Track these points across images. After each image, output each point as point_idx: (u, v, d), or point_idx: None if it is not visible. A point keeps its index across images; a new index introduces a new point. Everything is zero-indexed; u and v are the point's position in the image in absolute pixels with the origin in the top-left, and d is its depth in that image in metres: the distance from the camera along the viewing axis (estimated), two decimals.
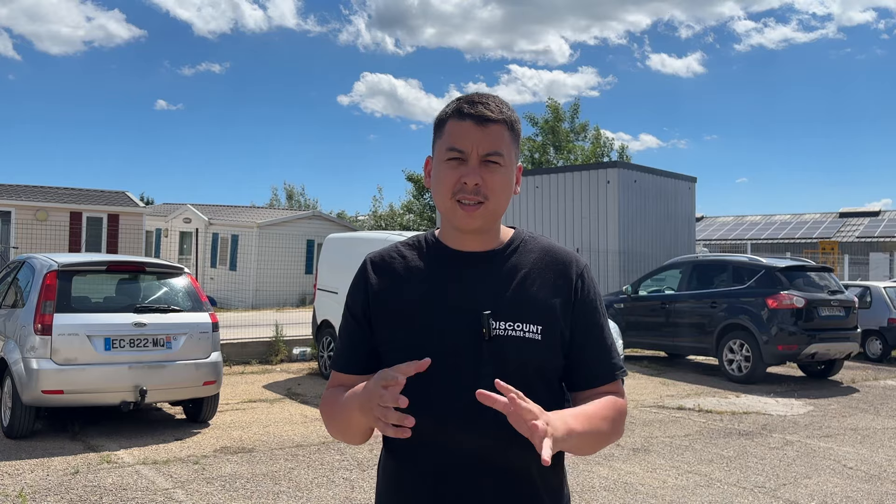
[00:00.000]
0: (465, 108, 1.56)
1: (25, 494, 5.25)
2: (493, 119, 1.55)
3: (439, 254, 1.64)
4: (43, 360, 6.61)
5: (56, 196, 22.74)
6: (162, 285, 7.61)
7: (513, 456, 1.54)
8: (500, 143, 1.56)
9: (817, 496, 5.77)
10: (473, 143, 1.54)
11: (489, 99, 1.58)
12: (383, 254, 1.68)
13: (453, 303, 1.56)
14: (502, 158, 1.56)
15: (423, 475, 1.57)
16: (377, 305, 1.62)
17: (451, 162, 1.55)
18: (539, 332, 1.55)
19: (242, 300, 23.65)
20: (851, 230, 34.28)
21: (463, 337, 1.53)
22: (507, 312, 1.55)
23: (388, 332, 1.60)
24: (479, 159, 1.54)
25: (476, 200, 1.54)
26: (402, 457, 1.60)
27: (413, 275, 1.62)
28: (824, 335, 11.15)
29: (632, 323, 12.82)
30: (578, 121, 36.81)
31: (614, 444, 7.18)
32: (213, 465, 6.15)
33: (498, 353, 1.53)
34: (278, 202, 51.69)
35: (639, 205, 18.38)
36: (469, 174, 1.53)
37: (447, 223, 1.63)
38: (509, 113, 1.59)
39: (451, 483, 1.55)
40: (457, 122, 1.56)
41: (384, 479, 1.66)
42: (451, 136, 1.56)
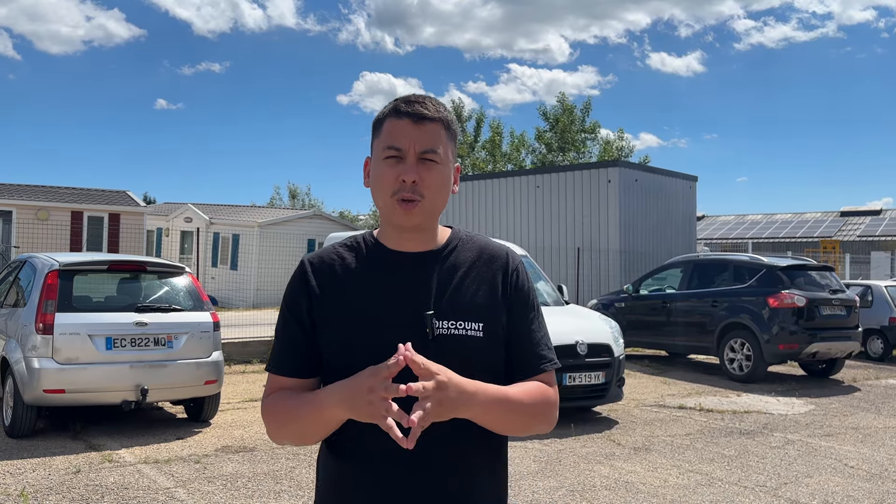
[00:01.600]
0: (402, 106, 1.59)
1: (27, 493, 5.26)
2: (429, 117, 1.58)
3: (379, 255, 1.65)
4: (44, 359, 6.61)
5: (57, 195, 22.75)
6: (163, 285, 7.61)
7: (456, 453, 1.57)
8: (436, 141, 1.58)
9: (818, 495, 5.77)
10: (411, 141, 1.56)
11: (426, 99, 1.62)
12: (322, 255, 1.68)
13: (396, 304, 1.58)
14: (438, 156, 1.57)
15: (366, 473, 1.57)
16: (320, 307, 1.61)
17: (390, 160, 1.57)
18: (480, 329, 1.58)
19: (243, 299, 23.65)
20: (853, 229, 34.27)
21: (407, 337, 1.52)
22: (448, 311, 1.57)
23: (332, 333, 1.59)
24: (416, 157, 1.56)
25: (413, 198, 1.56)
26: (346, 455, 1.60)
27: (354, 276, 1.63)
28: (825, 334, 11.14)
29: (633, 322, 12.82)
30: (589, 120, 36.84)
31: (615, 443, 7.19)
32: (215, 465, 6.16)
33: (442, 353, 1.53)
34: (280, 201, 51.73)
35: (640, 204, 18.39)
36: (407, 171, 1.55)
37: (386, 223, 1.65)
38: (445, 113, 1.62)
39: (393, 481, 1.56)
40: (394, 121, 1.58)
41: (324, 484, 1.66)
42: (388, 135, 1.58)
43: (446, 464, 1.57)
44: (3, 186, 22.61)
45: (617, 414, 8.62)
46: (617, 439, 7.39)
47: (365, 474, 1.58)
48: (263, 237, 24.34)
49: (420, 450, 1.53)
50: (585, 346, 7.93)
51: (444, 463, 1.57)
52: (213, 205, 30.59)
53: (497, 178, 21.26)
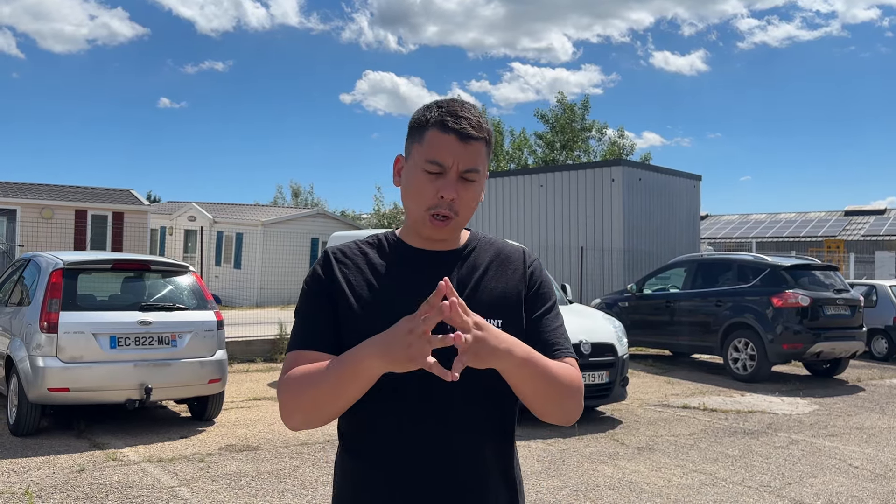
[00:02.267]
0: (450, 121, 1.58)
1: (32, 492, 5.27)
2: (475, 136, 1.58)
3: (401, 252, 1.68)
4: (49, 357, 6.63)
5: (61, 194, 22.79)
6: (167, 283, 7.62)
7: (479, 445, 1.60)
8: (478, 160, 1.59)
9: (823, 495, 5.75)
10: (455, 159, 1.57)
11: (472, 112, 1.61)
12: (344, 249, 1.70)
13: (418, 298, 1.55)
14: (478, 175, 1.60)
15: (387, 472, 1.58)
16: (342, 297, 1.62)
17: (430, 175, 1.58)
18: (500, 324, 1.60)
19: (247, 298, 23.68)
20: (857, 228, 34.20)
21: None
22: (469, 307, 1.56)
23: (352, 324, 1.60)
24: (457, 174, 1.58)
25: (447, 215, 1.58)
26: (364, 453, 1.61)
27: (377, 270, 1.65)
28: (829, 334, 11.12)
29: (636, 321, 12.80)
30: (588, 118, 36.81)
31: (619, 443, 7.18)
32: (219, 463, 6.17)
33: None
34: (283, 200, 51.76)
35: (643, 203, 18.36)
36: (447, 188, 1.56)
37: (413, 229, 1.68)
38: (488, 128, 1.63)
39: (410, 480, 1.57)
40: (439, 135, 1.58)
41: (342, 478, 1.67)
42: (431, 148, 1.58)
43: (458, 464, 1.59)
44: (8, 185, 22.66)
45: (621, 413, 8.61)
46: (621, 439, 7.38)
47: (378, 472, 1.59)
48: (267, 236, 24.37)
49: (433, 450, 1.56)
50: (589, 345, 7.92)
51: (456, 463, 1.59)
52: (217, 203, 30.62)
53: (500, 176, 21.24)
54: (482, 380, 1.58)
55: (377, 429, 1.60)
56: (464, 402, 1.59)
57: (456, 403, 1.58)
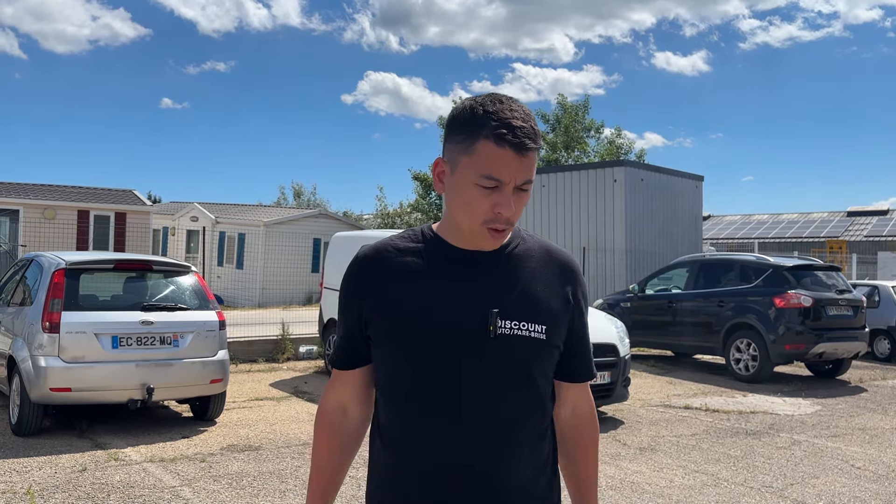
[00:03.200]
0: (506, 135, 1.46)
1: (34, 492, 5.27)
2: (533, 148, 1.50)
3: (440, 251, 1.61)
4: (51, 357, 6.63)
5: (63, 194, 22.82)
6: (169, 283, 7.63)
7: (510, 463, 1.57)
8: (533, 170, 1.53)
9: (825, 496, 5.74)
10: (512, 174, 1.49)
11: (526, 120, 1.50)
12: (378, 248, 1.64)
13: (458, 300, 1.55)
14: (530, 185, 1.54)
15: (421, 474, 1.56)
16: (376, 302, 1.59)
17: (485, 190, 1.50)
18: (544, 331, 1.57)
19: (249, 298, 23.69)
20: (859, 229, 34.14)
21: (469, 335, 1.53)
22: (513, 311, 1.56)
23: (388, 328, 1.57)
24: (514, 189, 1.51)
25: (504, 228, 1.55)
26: (400, 452, 1.60)
27: (412, 270, 1.59)
28: (832, 334, 11.10)
29: (638, 322, 12.79)
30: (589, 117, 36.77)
31: (621, 443, 7.17)
32: (220, 463, 6.17)
33: (502, 352, 1.54)
34: (286, 201, 51.78)
35: (646, 203, 18.34)
36: (504, 204, 1.50)
37: (459, 231, 1.59)
38: (539, 130, 1.54)
39: (444, 484, 1.55)
40: (494, 148, 1.47)
41: (378, 472, 1.66)
42: (488, 162, 1.48)
43: (495, 484, 1.58)
44: (10, 185, 22.69)
45: (623, 414, 8.61)
46: (623, 439, 7.37)
47: (416, 482, 1.58)
48: (269, 236, 24.38)
49: (470, 465, 1.54)
50: (591, 345, 7.90)
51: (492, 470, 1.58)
52: (219, 204, 30.65)
53: None
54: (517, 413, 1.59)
55: (413, 432, 1.58)
56: (499, 423, 1.56)
57: (489, 422, 1.55)
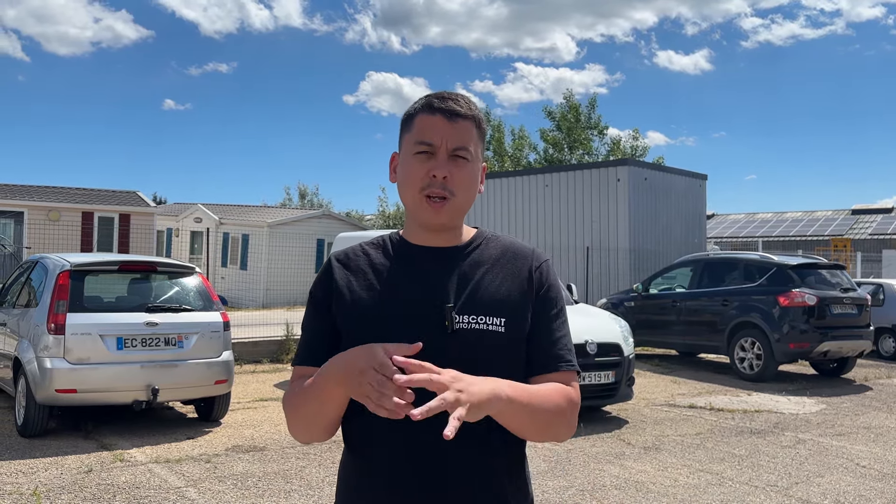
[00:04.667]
0: (436, 102, 1.58)
1: (40, 493, 5.29)
2: (463, 114, 1.57)
3: (402, 251, 1.65)
4: (56, 359, 6.65)
5: (68, 196, 22.87)
6: (173, 285, 7.64)
7: (473, 454, 1.55)
8: (468, 139, 1.57)
9: (830, 495, 5.74)
10: (443, 137, 1.55)
11: (459, 96, 1.61)
12: (348, 252, 1.69)
13: (416, 297, 1.57)
14: (469, 154, 1.57)
15: (380, 473, 1.55)
16: (341, 301, 1.61)
17: (420, 156, 1.56)
18: (502, 324, 1.56)
19: (253, 299, 23.73)
20: (864, 227, 34.07)
21: (426, 331, 1.52)
22: (469, 306, 1.56)
23: (352, 327, 1.59)
24: (447, 153, 1.55)
25: (442, 195, 1.55)
26: (361, 454, 1.59)
27: (377, 271, 1.63)
28: (836, 333, 11.08)
29: (642, 321, 12.79)
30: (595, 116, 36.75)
31: (626, 442, 7.17)
32: (225, 464, 6.18)
33: (462, 347, 1.53)
34: (291, 202, 51.87)
35: (649, 202, 18.33)
36: (438, 167, 1.54)
37: (412, 220, 1.65)
38: (477, 111, 1.61)
39: (408, 480, 1.54)
40: (426, 117, 1.57)
41: (343, 477, 1.66)
42: (420, 131, 1.57)
43: (462, 466, 1.55)
44: (15, 187, 22.75)
45: (627, 413, 8.60)
46: (627, 439, 7.37)
47: (377, 482, 1.56)
48: (273, 237, 24.40)
49: (433, 461, 1.52)
50: (595, 345, 7.91)
51: (459, 465, 1.55)
52: (223, 205, 30.68)
53: (505, 177, 21.23)
54: None
55: (374, 436, 1.57)
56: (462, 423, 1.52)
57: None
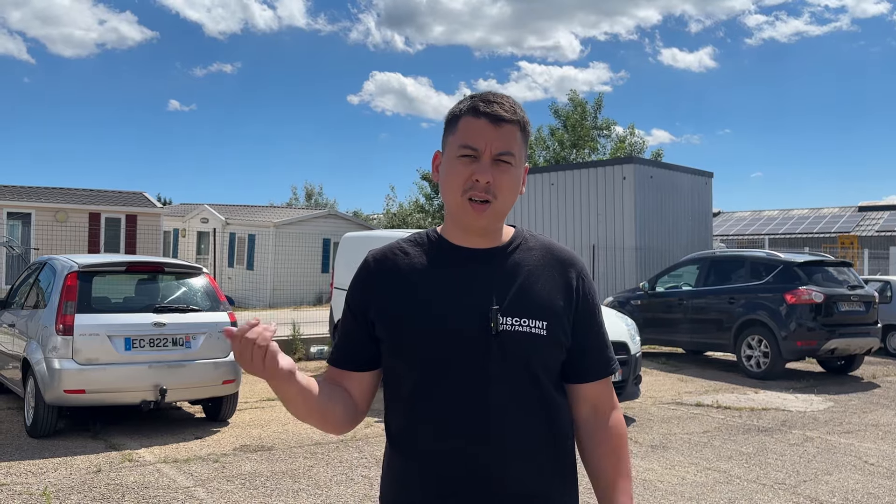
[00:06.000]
0: (481, 106, 1.57)
1: (49, 493, 5.32)
2: (507, 119, 1.57)
3: (443, 251, 1.64)
4: (65, 360, 6.68)
5: (75, 197, 22.94)
6: (180, 285, 7.66)
7: (517, 467, 1.56)
8: (512, 144, 1.57)
9: (838, 493, 5.73)
10: (487, 142, 1.55)
11: (504, 99, 1.60)
12: (385, 251, 1.68)
13: (460, 299, 1.57)
14: (513, 158, 1.58)
15: (427, 477, 1.57)
16: (380, 303, 1.62)
17: (464, 159, 1.56)
18: (544, 327, 1.58)
19: (260, 299, 23.77)
20: (871, 224, 33.93)
21: (470, 333, 1.54)
22: (513, 308, 1.57)
23: (393, 329, 1.60)
24: (491, 158, 1.56)
25: (485, 198, 1.55)
26: (407, 455, 1.61)
27: (417, 272, 1.62)
28: (844, 330, 11.05)
29: (649, 319, 12.76)
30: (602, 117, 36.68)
31: (633, 441, 7.17)
32: (233, 464, 6.20)
33: (505, 349, 1.54)
34: (297, 201, 51.94)
35: (655, 200, 18.29)
36: (481, 171, 1.54)
37: (453, 222, 1.65)
38: (522, 114, 1.61)
39: (449, 487, 1.55)
40: (472, 120, 1.57)
41: (388, 475, 1.67)
42: (465, 133, 1.57)
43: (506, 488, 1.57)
44: (22, 189, 22.84)
45: (634, 412, 8.60)
46: (634, 437, 7.37)
47: (424, 486, 1.58)
48: (279, 237, 24.44)
49: (476, 469, 1.54)
50: (608, 342, 7.89)
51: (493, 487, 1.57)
52: (229, 205, 30.75)
53: None
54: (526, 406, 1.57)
55: (417, 434, 1.59)
56: (504, 423, 1.55)
57: (493, 422, 1.55)
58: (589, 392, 1.69)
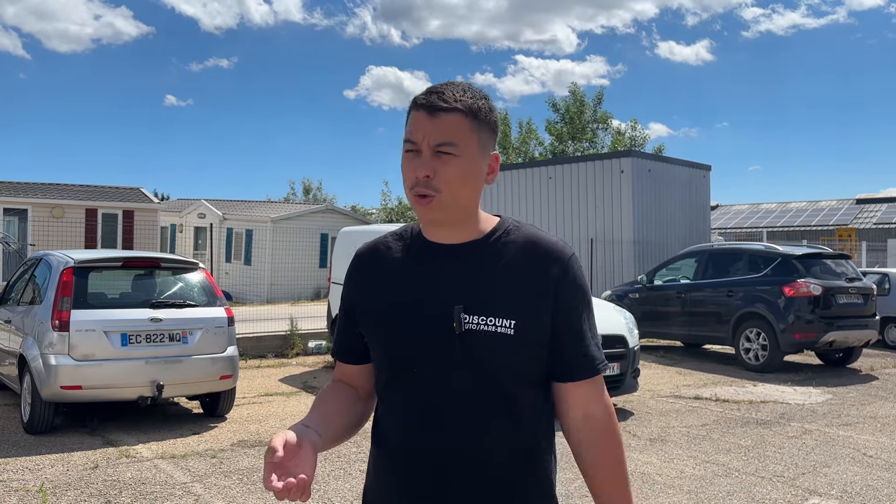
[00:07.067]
0: (420, 98, 1.53)
1: (46, 489, 5.30)
2: (443, 108, 1.49)
3: (418, 246, 1.60)
4: (61, 356, 6.66)
5: (71, 193, 22.89)
6: (177, 280, 7.64)
7: (484, 455, 1.51)
8: (452, 134, 1.49)
9: (837, 485, 5.72)
10: (425, 134, 1.49)
11: (447, 87, 1.52)
12: (371, 245, 1.67)
13: (426, 297, 1.53)
14: (456, 148, 1.49)
15: (399, 469, 1.55)
16: (361, 299, 1.62)
17: (409, 154, 1.52)
18: (512, 326, 1.48)
19: (257, 294, 23.74)
20: (869, 216, 33.95)
21: (434, 332, 1.50)
22: (478, 306, 1.49)
23: (369, 326, 1.60)
24: (431, 150, 1.49)
25: (427, 193, 1.49)
26: (382, 448, 1.61)
27: (394, 267, 1.60)
28: (842, 323, 11.05)
29: (647, 313, 12.75)
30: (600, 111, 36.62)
31: (631, 434, 7.16)
32: (231, 459, 6.18)
33: (469, 350, 1.48)
34: (295, 196, 51.91)
35: (653, 194, 18.27)
36: (419, 166, 1.49)
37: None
38: (469, 100, 1.51)
39: (418, 480, 1.53)
40: (413, 113, 1.53)
41: (370, 467, 1.68)
42: (408, 128, 1.53)
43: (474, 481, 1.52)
44: (19, 185, 22.78)
45: (632, 405, 8.59)
46: (632, 430, 7.36)
47: (395, 485, 1.57)
48: (276, 232, 24.41)
49: (444, 465, 1.51)
50: (600, 337, 7.87)
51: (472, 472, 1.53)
52: (227, 200, 30.69)
53: (508, 169, 21.19)
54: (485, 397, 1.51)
55: (383, 429, 1.61)
56: (462, 427, 1.51)
57: (450, 425, 1.51)
58: (575, 393, 1.57)
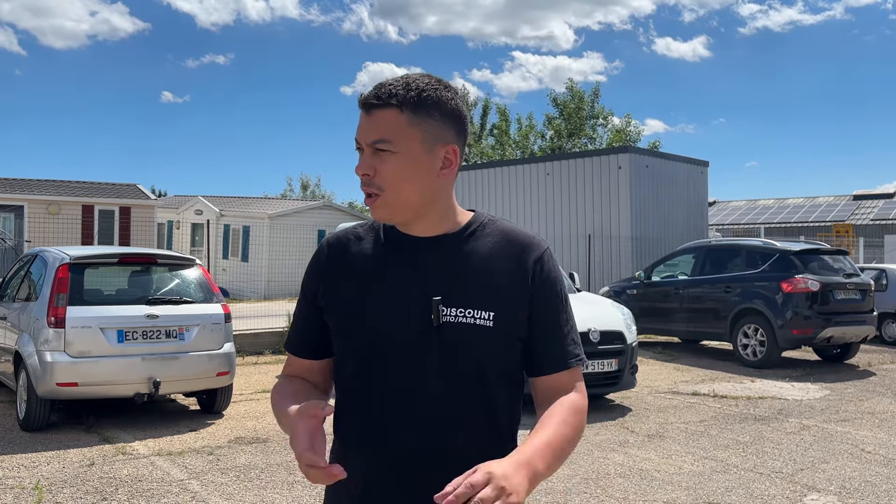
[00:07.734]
0: (361, 95, 1.51)
1: (42, 486, 5.28)
2: (376, 105, 1.47)
3: (391, 238, 1.57)
4: (57, 352, 6.63)
5: (67, 189, 22.83)
6: (174, 277, 7.61)
7: (456, 451, 1.49)
8: (386, 130, 1.45)
9: (835, 480, 5.72)
10: (362, 133, 1.48)
11: (387, 83, 1.49)
12: (340, 235, 1.64)
13: (402, 288, 1.51)
14: (392, 145, 1.45)
15: (367, 465, 1.52)
16: (329, 290, 1.57)
17: (358, 153, 1.51)
18: (490, 318, 1.48)
19: (255, 291, 23.71)
20: (866, 212, 33.97)
21: (410, 324, 1.48)
22: (457, 298, 1.48)
23: (337, 318, 1.55)
24: (370, 149, 1.47)
25: (371, 192, 1.48)
26: (349, 444, 1.58)
27: (365, 258, 1.56)
28: (840, 319, 11.05)
29: (645, 309, 12.74)
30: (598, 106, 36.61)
31: (629, 430, 7.15)
32: (228, 456, 6.16)
33: (446, 342, 1.47)
34: (292, 193, 51.87)
35: (651, 190, 18.27)
36: (361, 165, 1.49)
37: None
38: (405, 93, 1.46)
39: (387, 477, 1.51)
40: (360, 112, 1.52)
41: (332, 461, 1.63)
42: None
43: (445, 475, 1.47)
44: (14, 181, 22.72)
45: (630, 401, 8.58)
46: (630, 427, 7.35)
47: (358, 459, 1.53)
48: (274, 228, 24.37)
49: (415, 459, 1.49)
50: (598, 333, 7.88)
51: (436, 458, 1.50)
52: (224, 197, 30.66)
53: (506, 165, 21.17)
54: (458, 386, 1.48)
55: (351, 420, 1.57)
56: (438, 420, 1.48)
57: (426, 418, 1.48)
58: (547, 385, 1.55)
